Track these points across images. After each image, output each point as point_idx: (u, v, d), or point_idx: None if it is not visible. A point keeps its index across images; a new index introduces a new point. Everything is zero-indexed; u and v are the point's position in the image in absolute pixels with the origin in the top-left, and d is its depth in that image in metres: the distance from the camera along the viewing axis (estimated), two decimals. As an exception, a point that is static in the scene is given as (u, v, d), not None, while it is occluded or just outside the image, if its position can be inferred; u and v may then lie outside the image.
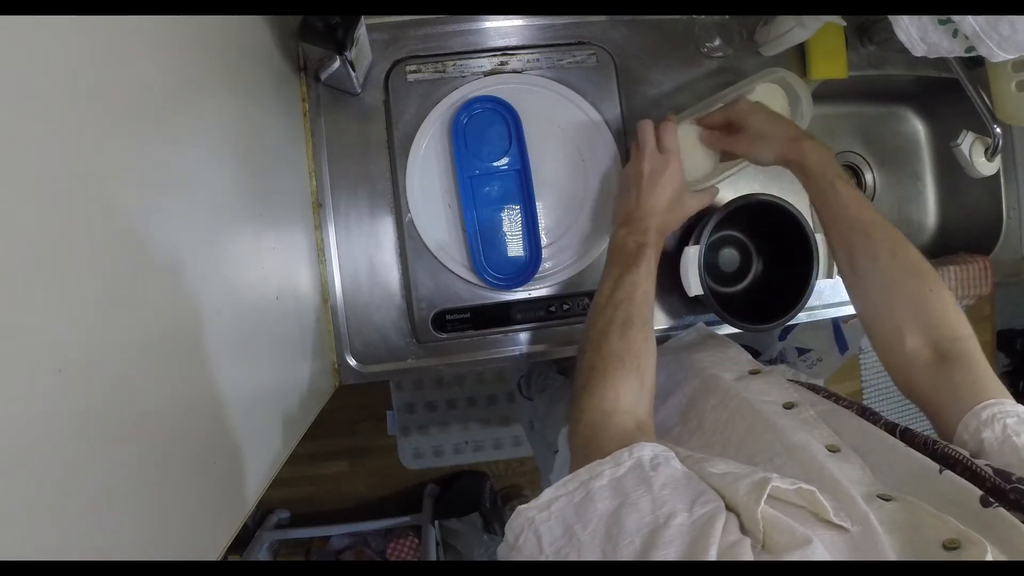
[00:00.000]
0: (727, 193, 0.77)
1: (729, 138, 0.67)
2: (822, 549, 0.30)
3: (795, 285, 0.73)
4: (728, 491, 0.35)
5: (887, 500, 0.36)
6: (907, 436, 0.43)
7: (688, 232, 0.77)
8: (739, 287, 0.78)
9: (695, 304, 0.71)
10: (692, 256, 0.69)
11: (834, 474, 0.38)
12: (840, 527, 0.32)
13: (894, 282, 0.53)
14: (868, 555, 0.31)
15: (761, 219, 0.77)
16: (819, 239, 0.72)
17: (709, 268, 0.71)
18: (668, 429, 0.54)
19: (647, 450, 0.39)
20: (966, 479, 0.37)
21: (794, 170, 0.62)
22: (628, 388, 0.49)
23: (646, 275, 0.56)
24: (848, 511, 0.34)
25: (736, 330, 0.74)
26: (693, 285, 0.69)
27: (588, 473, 0.39)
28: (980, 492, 0.34)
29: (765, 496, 0.32)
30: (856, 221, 0.56)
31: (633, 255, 0.57)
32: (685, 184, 0.64)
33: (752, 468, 0.37)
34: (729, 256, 0.79)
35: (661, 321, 0.76)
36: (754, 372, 0.57)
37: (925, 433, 0.43)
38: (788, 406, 0.50)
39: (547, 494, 0.38)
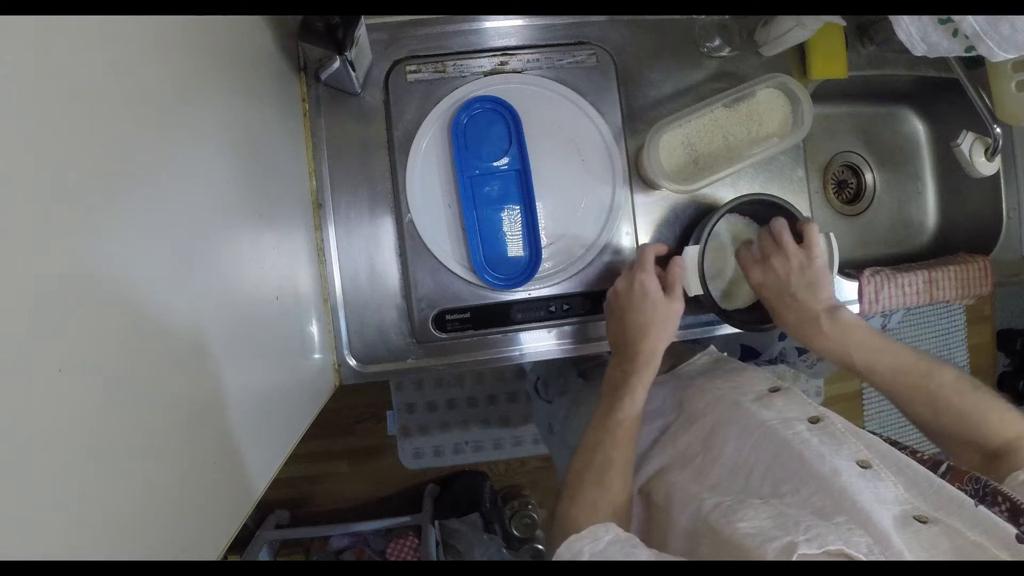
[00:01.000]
0: (727, 193, 0.77)
1: (759, 268, 0.64)
2: None
3: (795, 285, 0.73)
4: (755, 555, 0.35)
5: (924, 522, 0.36)
6: (952, 472, 0.43)
7: (688, 232, 0.77)
8: (739, 287, 0.78)
9: (695, 304, 0.71)
10: (692, 256, 0.69)
11: (865, 506, 0.38)
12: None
13: (943, 430, 0.54)
14: None
15: (761, 219, 0.77)
16: (819, 239, 0.72)
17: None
18: (691, 458, 0.54)
19: (624, 533, 0.40)
20: (1006, 517, 0.37)
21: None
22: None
23: (630, 408, 0.56)
24: (883, 547, 0.34)
25: (736, 330, 0.74)
26: (693, 285, 0.69)
27: (568, 552, 0.39)
28: (1016, 530, 0.34)
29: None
30: (892, 389, 0.55)
31: (620, 386, 0.57)
32: (660, 294, 0.61)
33: (781, 526, 0.37)
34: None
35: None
36: (774, 389, 0.57)
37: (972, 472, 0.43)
38: (814, 420, 0.50)
39: None
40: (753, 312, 0.76)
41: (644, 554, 0.39)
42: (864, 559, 0.33)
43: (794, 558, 0.32)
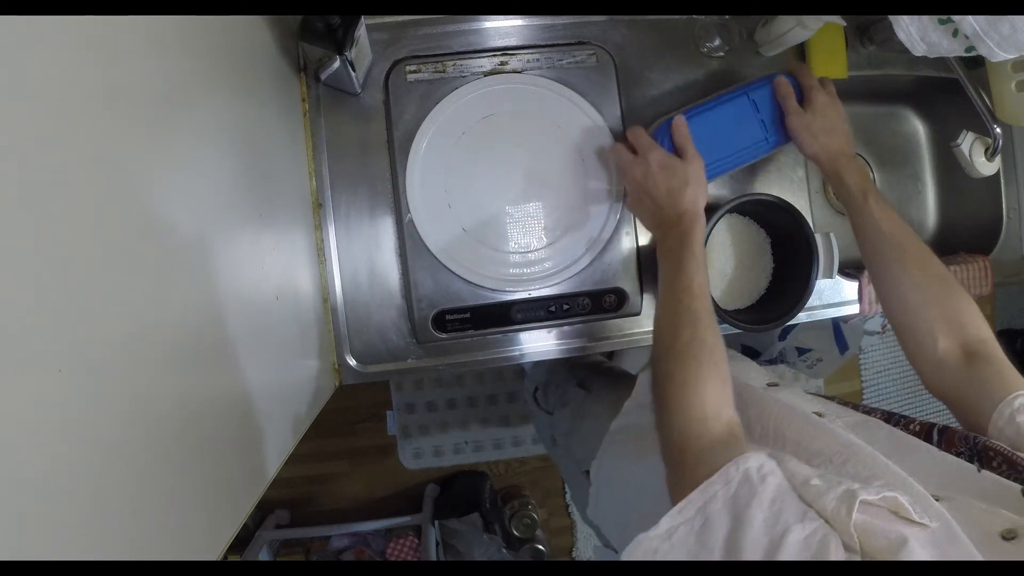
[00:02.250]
0: (727, 193, 0.77)
1: (791, 105, 0.67)
2: (918, 547, 0.30)
3: (795, 285, 0.73)
4: (816, 505, 0.35)
5: (937, 499, 0.37)
6: (946, 433, 0.44)
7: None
8: (739, 287, 0.78)
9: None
10: (692, 256, 0.69)
11: (899, 470, 0.39)
12: (921, 524, 0.33)
13: (927, 289, 0.56)
14: (951, 549, 0.32)
15: (761, 219, 0.77)
16: (818, 239, 0.72)
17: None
18: None
19: (752, 461, 0.40)
20: (1004, 471, 0.38)
21: (831, 179, 0.65)
22: (710, 389, 0.48)
23: (695, 266, 0.56)
24: (923, 507, 0.34)
25: (736, 330, 0.74)
26: (693, 285, 0.69)
27: (702, 497, 0.38)
28: (1020, 486, 0.36)
29: (856, 510, 0.32)
30: (890, 234, 0.60)
31: (676, 250, 0.57)
32: (677, 159, 0.63)
33: (830, 479, 0.37)
34: (729, 256, 0.78)
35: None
36: (772, 384, 0.57)
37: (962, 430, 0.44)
38: (817, 416, 0.50)
39: (666, 522, 0.38)
40: (753, 312, 0.76)
41: (768, 491, 0.37)
42: (914, 514, 0.33)
43: (856, 507, 0.32)
